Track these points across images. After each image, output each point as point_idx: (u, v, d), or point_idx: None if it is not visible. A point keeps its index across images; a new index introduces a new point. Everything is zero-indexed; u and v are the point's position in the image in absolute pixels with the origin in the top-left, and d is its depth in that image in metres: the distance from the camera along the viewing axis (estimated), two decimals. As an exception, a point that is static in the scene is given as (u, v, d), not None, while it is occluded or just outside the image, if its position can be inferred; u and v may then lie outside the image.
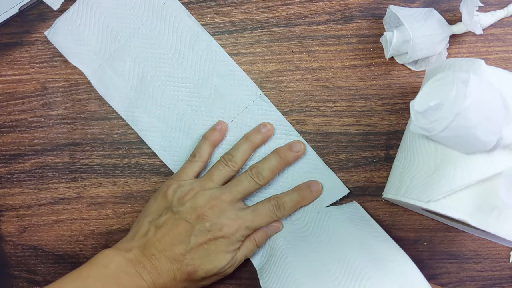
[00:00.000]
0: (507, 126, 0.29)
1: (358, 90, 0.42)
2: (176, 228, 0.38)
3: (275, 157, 0.40)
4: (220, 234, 0.37)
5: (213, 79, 0.43)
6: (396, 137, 0.42)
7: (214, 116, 0.43)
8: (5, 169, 0.45)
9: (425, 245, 0.42)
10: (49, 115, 0.45)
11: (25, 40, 0.45)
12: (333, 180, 0.42)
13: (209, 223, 0.38)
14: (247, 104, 0.43)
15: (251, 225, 0.39)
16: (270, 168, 0.40)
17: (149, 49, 0.43)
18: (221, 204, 0.38)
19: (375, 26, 0.42)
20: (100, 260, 0.36)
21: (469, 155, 0.30)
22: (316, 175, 0.42)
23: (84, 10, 0.44)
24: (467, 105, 0.27)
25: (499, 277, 0.41)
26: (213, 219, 0.38)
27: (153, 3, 0.43)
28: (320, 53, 0.42)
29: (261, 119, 0.42)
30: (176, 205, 0.38)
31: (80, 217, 0.44)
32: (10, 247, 0.45)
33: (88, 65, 0.44)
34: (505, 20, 0.41)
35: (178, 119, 0.43)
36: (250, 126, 0.42)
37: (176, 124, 0.43)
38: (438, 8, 0.41)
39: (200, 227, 0.37)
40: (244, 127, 0.43)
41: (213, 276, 0.39)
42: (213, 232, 0.37)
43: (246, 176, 0.40)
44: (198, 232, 0.37)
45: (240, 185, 0.39)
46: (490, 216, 0.30)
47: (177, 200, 0.39)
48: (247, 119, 0.43)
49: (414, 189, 0.33)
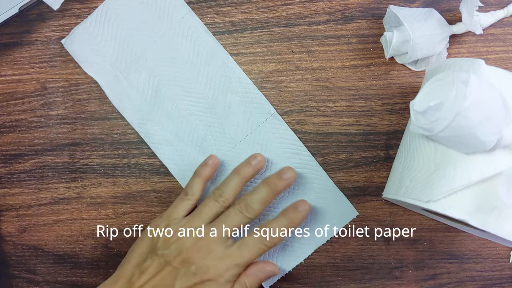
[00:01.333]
0: (507, 126, 0.29)
1: (358, 90, 0.42)
2: (160, 273, 0.36)
3: (264, 188, 0.38)
4: (207, 277, 0.36)
5: (227, 96, 0.43)
6: (396, 137, 0.42)
7: (226, 133, 0.43)
8: (5, 169, 0.45)
9: (425, 245, 0.42)
10: (49, 115, 0.45)
11: (25, 40, 0.45)
12: (343, 203, 0.42)
13: (195, 266, 0.36)
14: (260, 122, 0.42)
15: (241, 262, 0.37)
16: (259, 200, 0.38)
17: (165, 62, 0.43)
18: (208, 244, 0.37)
19: (375, 26, 0.42)
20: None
21: (469, 155, 0.30)
22: (326, 196, 0.42)
23: (102, 20, 0.44)
24: (467, 105, 0.27)
25: (499, 277, 0.41)
26: (199, 261, 0.36)
27: (171, 17, 0.43)
28: (320, 53, 0.42)
29: (274, 137, 0.42)
30: (161, 248, 0.37)
31: (80, 217, 0.44)
32: (10, 247, 0.45)
33: (103, 75, 0.44)
34: (505, 20, 0.41)
35: (190, 133, 0.43)
36: (262, 144, 0.42)
37: (189, 138, 0.43)
38: (438, 8, 0.41)
39: (186, 271, 0.36)
40: (256, 145, 0.42)
41: None
42: (199, 275, 0.36)
43: (234, 211, 0.38)
44: (183, 276, 0.36)
45: (228, 220, 0.37)
46: (490, 216, 0.30)
47: (163, 242, 0.37)
48: (260, 137, 0.42)
49: (414, 189, 0.33)
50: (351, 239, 0.42)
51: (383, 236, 0.42)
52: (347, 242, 0.42)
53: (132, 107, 0.43)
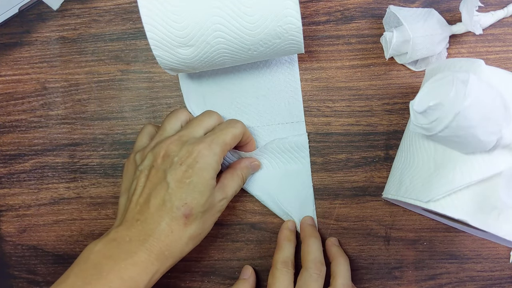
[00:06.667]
0: (507, 126, 0.29)
1: (358, 90, 0.42)
2: (149, 180, 0.35)
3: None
4: (194, 160, 0.34)
5: (273, 83, 0.43)
6: (396, 137, 0.42)
7: (253, 111, 0.43)
8: (5, 169, 0.45)
9: (425, 245, 0.41)
10: (49, 115, 0.45)
11: (25, 40, 0.45)
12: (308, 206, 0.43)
13: (177, 157, 0.34)
14: (284, 122, 0.43)
15: (218, 139, 0.36)
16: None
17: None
18: (181, 138, 0.36)
19: (375, 26, 0.42)
20: (82, 254, 0.33)
21: (469, 155, 0.30)
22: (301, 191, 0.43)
23: None
24: (466, 105, 0.27)
25: (499, 277, 0.41)
26: (179, 151, 0.35)
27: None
28: (320, 53, 0.42)
29: (288, 142, 0.42)
30: (140, 163, 0.36)
31: (80, 217, 0.44)
32: (10, 247, 0.45)
33: None
34: (505, 20, 0.41)
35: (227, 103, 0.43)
36: (273, 145, 0.42)
37: None
38: (438, 8, 0.41)
39: (170, 164, 0.34)
40: (268, 139, 0.43)
41: (212, 212, 0.36)
42: (185, 160, 0.34)
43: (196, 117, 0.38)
44: (170, 170, 0.34)
45: (197, 119, 0.38)
46: (490, 216, 0.30)
47: (140, 159, 0.36)
48: (277, 134, 0.43)
49: (414, 189, 0.33)
50: (351, 239, 0.42)
51: (383, 236, 0.42)
52: (347, 242, 0.42)
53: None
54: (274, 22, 0.33)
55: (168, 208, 0.34)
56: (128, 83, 0.44)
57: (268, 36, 0.34)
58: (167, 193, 0.34)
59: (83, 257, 0.33)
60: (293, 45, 0.36)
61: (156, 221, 0.33)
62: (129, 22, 0.44)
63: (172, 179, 0.34)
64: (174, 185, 0.34)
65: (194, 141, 0.35)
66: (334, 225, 0.42)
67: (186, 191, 0.34)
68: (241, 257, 0.43)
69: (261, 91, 0.43)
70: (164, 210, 0.34)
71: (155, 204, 0.34)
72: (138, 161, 0.37)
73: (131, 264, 0.32)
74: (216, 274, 0.43)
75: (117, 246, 0.33)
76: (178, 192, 0.34)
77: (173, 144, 0.35)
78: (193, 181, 0.34)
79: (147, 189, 0.35)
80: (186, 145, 0.35)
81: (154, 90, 0.44)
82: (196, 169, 0.34)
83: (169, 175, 0.34)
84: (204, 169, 0.34)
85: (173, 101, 0.44)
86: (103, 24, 0.44)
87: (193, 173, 0.34)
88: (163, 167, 0.35)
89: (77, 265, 0.33)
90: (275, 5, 0.33)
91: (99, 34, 0.44)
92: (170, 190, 0.34)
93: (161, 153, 0.35)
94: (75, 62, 0.44)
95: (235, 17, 0.33)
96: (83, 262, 0.32)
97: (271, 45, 0.35)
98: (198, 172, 0.34)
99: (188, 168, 0.34)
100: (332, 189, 0.42)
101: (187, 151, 0.35)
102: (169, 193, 0.34)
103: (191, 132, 0.36)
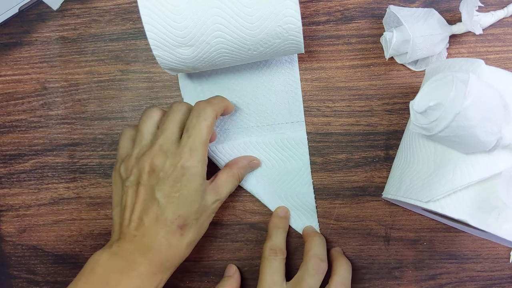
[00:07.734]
0: (506, 126, 0.29)
1: (358, 90, 0.42)
2: (138, 197, 0.35)
3: None
4: (179, 173, 0.34)
5: (273, 83, 0.43)
6: (396, 137, 0.42)
7: (253, 111, 0.43)
8: (5, 169, 0.45)
9: (425, 245, 0.41)
10: (48, 115, 0.45)
11: (25, 40, 0.45)
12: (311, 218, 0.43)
13: (162, 171, 0.34)
14: (284, 122, 0.43)
15: (200, 138, 0.35)
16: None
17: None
18: (161, 147, 0.35)
19: (375, 26, 0.42)
20: (87, 265, 0.34)
21: (469, 155, 0.30)
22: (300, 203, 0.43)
23: None
24: (466, 105, 0.27)
25: (499, 277, 0.41)
26: (163, 165, 0.34)
27: None
28: (320, 53, 0.42)
29: (287, 138, 0.42)
30: (126, 178, 0.36)
31: (80, 217, 0.44)
32: (10, 247, 0.45)
33: None
34: (505, 20, 0.41)
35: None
36: (271, 141, 0.42)
37: None
38: (438, 8, 0.41)
39: (156, 181, 0.34)
40: (267, 138, 0.43)
41: (206, 214, 0.36)
42: (171, 174, 0.34)
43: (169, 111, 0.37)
44: (158, 186, 0.34)
45: (169, 118, 0.36)
46: (490, 216, 0.30)
47: (124, 172, 0.36)
48: (275, 134, 0.43)
49: (414, 189, 0.33)
50: (351, 239, 0.42)
51: (383, 236, 0.42)
52: (347, 242, 0.42)
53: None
54: (274, 22, 0.33)
55: (162, 223, 0.34)
56: (128, 83, 0.44)
57: (268, 36, 0.34)
58: (159, 209, 0.34)
59: (88, 267, 0.34)
60: (293, 45, 0.36)
61: (153, 235, 0.34)
62: (129, 22, 0.44)
63: (161, 195, 0.34)
64: (164, 201, 0.34)
65: (175, 151, 0.35)
66: (334, 225, 0.42)
67: (177, 205, 0.34)
68: (240, 257, 0.43)
69: (261, 91, 0.43)
70: (159, 226, 0.34)
71: (149, 220, 0.34)
72: (123, 174, 0.36)
73: (136, 276, 0.33)
74: (215, 274, 0.43)
75: (121, 258, 0.34)
76: (169, 206, 0.34)
77: (156, 157, 0.35)
78: (183, 194, 0.34)
79: (139, 205, 0.35)
80: (170, 158, 0.35)
81: (154, 90, 0.44)
82: (184, 181, 0.34)
83: (158, 191, 0.34)
84: (191, 180, 0.35)
85: (173, 101, 0.44)
86: (103, 24, 0.44)
87: (181, 186, 0.34)
88: (151, 183, 0.35)
89: (84, 276, 0.33)
90: (275, 5, 0.33)
91: (99, 34, 0.44)
92: (161, 205, 0.34)
93: (145, 168, 0.35)
94: (75, 62, 0.44)
95: (235, 17, 0.33)
96: (89, 273, 0.33)
97: (271, 45, 0.35)
98: (186, 184, 0.34)
99: (175, 183, 0.34)
100: (332, 189, 0.42)
101: (171, 164, 0.34)
102: (161, 208, 0.34)
103: (168, 136, 0.36)
